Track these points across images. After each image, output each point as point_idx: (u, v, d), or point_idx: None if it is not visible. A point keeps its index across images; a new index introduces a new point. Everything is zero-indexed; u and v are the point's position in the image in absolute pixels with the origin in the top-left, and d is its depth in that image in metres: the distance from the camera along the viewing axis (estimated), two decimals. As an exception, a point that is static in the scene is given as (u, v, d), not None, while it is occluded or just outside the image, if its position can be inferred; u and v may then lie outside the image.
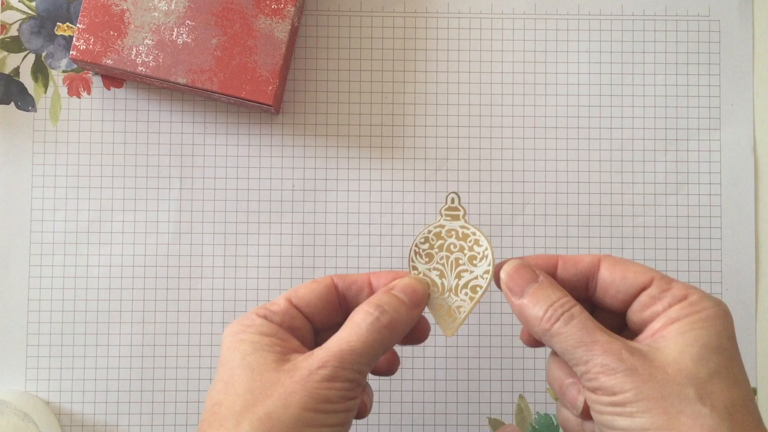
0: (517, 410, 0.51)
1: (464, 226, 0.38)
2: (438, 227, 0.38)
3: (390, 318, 0.35)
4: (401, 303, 0.36)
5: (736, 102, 0.52)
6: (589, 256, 0.37)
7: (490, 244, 0.38)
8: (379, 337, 0.35)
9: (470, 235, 0.38)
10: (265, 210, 0.51)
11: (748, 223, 0.52)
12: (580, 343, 0.33)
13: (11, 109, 0.51)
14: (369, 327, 0.34)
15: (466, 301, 0.38)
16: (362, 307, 0.35)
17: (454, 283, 0.38)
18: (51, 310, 0.50)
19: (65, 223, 0.51)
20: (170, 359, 0.50)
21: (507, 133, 0.52)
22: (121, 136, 0.51)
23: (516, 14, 0.52)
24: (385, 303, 0.35)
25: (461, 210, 0.38)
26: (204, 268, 0.51)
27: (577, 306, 0.34)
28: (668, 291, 0.34)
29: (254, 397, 0.33)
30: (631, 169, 0.52)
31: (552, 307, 0.34)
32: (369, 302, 0.36)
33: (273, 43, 0.48)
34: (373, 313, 0.35)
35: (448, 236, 0.38)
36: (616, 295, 0.35)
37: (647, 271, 0.35)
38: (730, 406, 0.31)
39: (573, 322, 0.34)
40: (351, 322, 0.35)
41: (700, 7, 0.53)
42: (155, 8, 0.48)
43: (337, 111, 0.52)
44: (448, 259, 0.38)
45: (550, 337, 0.34)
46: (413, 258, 0.38)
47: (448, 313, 0.38)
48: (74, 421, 0.50)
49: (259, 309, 0.36)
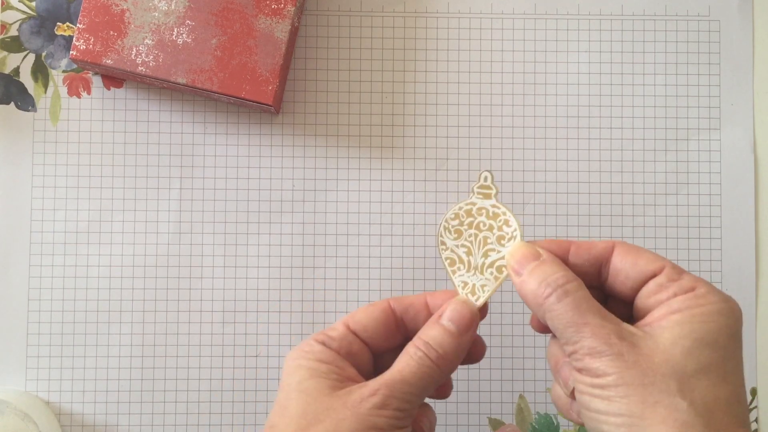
0: (517, 410, 0.51)
1: (495, 205, 0.38)
2: (469, 204, 0.38)
3: (437, 355, 0.35)
4: (448, 335, 0.36)
5: (736, 102, 0.52)
6: (603, 242, 0.36)
7: (519, 225, 0.38)
8: (429, 371, 0.35)
9: (500, 215, 0.38)
10: (265, 210, 0.51)
11: (748, 223, 0.52)
12: (571, 323, 0.33)
13: (11, 109, 0.51)
14: (418, 362, 0.35)
15: (491, 280, 0.37)
16: (412, 343, 0.36)
17: (480, 261, 0.38)
18: (51, 310, 0.50)
19: (65, 223, 0.51)
20: (170, 359, 0.50)
21: (507, 133, 0.52)
22: (121, 136, 0.51)
23: (516, 14, 0.52)
24: (432, 339, 0.35)
25: (493, 189, 0.38)
26: (204, 268, 0.51)
27: (574, 282, 0.34)
28: (676, 281, 0.33)
29: (307, 422, 0.33)
30: (631, 169, 0.52)
31: (545, 281, 0.34)
32: (418, 338, 0.36)
33: (273, 43, 0.48)
34: (421, 349, 0.35)
35: (478, 214, 0.38)
36: (625, 282, 0.35)
37: (659, 260, 0.34)
38: (712, 403, 0.30)
39: (566, 300, 0.33)
40: (403, 355, 0.36)
41: (700, 7, 0.53)
42: (155, 8, 0.48)
43: (337, 111, 0.52)
44: (477, 237, 0.38)
45: (543, 313, 0.34)
46: (442, 233, 0.38)
47: (472, 291, 0.37)
48: (74, 421, 0.50)
49: (319, 335, 0.37)
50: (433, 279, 0.51)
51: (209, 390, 0.50)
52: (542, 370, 0.51)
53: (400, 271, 0.51)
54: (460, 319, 0.36)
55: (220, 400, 0.50)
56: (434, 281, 0.51)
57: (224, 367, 0.51)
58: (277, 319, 0.51)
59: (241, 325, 0.51)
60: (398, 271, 0.51)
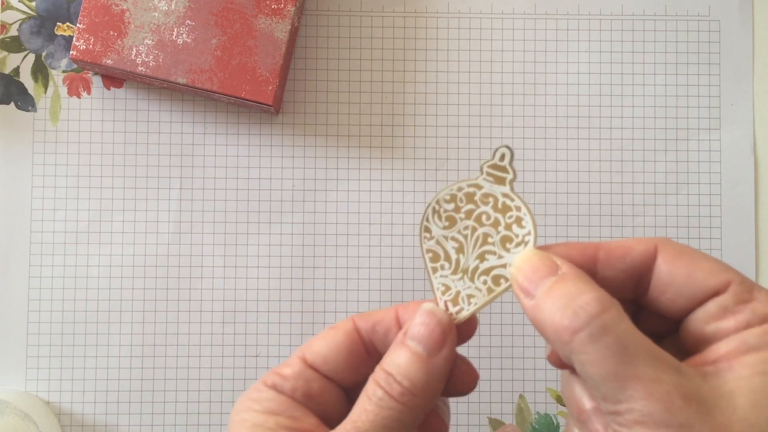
0: (517, 410, 0.51)
1: (508, 195, 0.29)
2: (473, 186, 0.29)
3: (401, 390, 0.27)
4: (415, 359, 0.27)
5: (736, 102, 0.52)
6: (641, 242, 0.27)
7: (534, 228, 0.28)
8: (394, 414, 0.26)
9: (512, 210, 0.29)
10: (265, 210, 0.51)
11: (748, 223, 0.52)
12: (613, 374, 0.23)
13: (11, 109, 0.51)
14: (377, 405, 0.27)
15: (482, 291, 0.28)
16: (373, 376, 0.28)
17: (473, 264, 0.29)
18: (51, 310, 0.50)
19: (65, 223, 0.51)
20: (170, 359, 0.50)
21: (507, 133, 0.52)
22: (121, 136, 0.51)
23: (516, 14, 0.52)
24: (395, 367, 0.27)
25: (510, 173, 0.29)
26: (204, 268, 0.51)
27: (613, 310, 0.24)
28: (748, 304, 0.25)
29: None
30: (631, 169, 0.52)
31: (574, 311, 0.24)
32: (378, 368, 0.28)
33: (273, 43, 0.48)
34: (382, 385, 0.27)
35: (482, 202, 0.29)
36: (674, 299, 0.26)
37: (722, 271, 0.26)
38: None
39: (605, 339, 0.24)
40: (361, 396, 0.27)
41: (700, 7, 0.53)
42: (155, 8, 0.48)
43: (337, 111, 0.52)
44: (475, 231, 0.29)
45: (569, 353, 0.25)
46: (429, 216, 0.30)
47: (454, 300, 0.29)
48: (74, 421, 0.50)
49: (269, 375, 0.29)
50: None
51: (209, 390, 0.50)
52: (542, 370, 0.51)
53: (400, 271, 0.51)
54: (428, 335, 0.27)
55: (220, 400, 0.50)
56: (434, 281, 0.51)
57: (224, 367, 0.51)
58: (277, 319, 0.51)
59: (241, 325, 0.51)
60: (398, 271, 0.51)
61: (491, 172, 0.29)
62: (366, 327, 0.29)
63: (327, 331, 0.29)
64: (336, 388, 0.29)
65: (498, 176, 0.29)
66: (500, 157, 0.29)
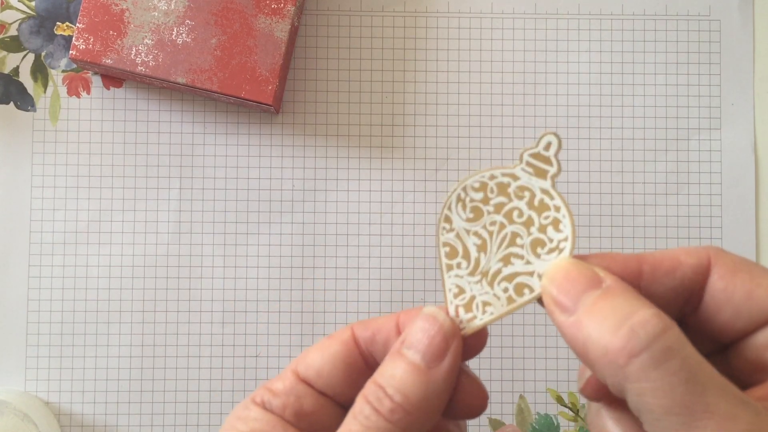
0: (518, 410, 0.51)
1: (547, 191, 0.25)
2: (508, 176, 0.25)
3: (393, 405, 0.23)
4: (411, 369, 0.23)
5: (736, 102, 0.52)
6: (692, 254, 0.24)
7: (573, 234, 0.25)
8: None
9: (550, 209, 0.25)
10: (265, 210, 0.51)
11: (749, 223, 0.52)
12: (680, 405, 0.20)
13: (11, 109, 0.51)
14: (362, 425, 0.23)
15: (501, 300, 0.25)
16: (362, 391, 0.24)
17: (495, 266, 0.25)
18: (51, 310, 0.50)
19: (65, 223, 0.51)
20: (170, 359, 0.50)
21: (507, 133, 0.52)
22: (121, 136, 0.51)
23: (516, 14, 0.52)
24: (387, 379, 0.23)
25: (554, 165, 0.25)
26: (204, 268, 0.51)
27: (676, 330, 0.21)
28: None
29: None
30: (632, 169, 0.52)
31: (630, 330, 0.21)
32: (369, 381, 0.24)
33: (273, 42, 0.48)
34: (371, 401, 0.23)
35: (516, 196, 0.25)
36: (731, 320, 0.23)
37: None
38: None
39: (671, 364, 0.20)
40: (347, 415, 0.24)
41: (700, 7, 0.53)
42: (155, 8, 0.48)
43: (337, 111, 0.52)
44: (502, 229, 0.25)
45: (623, 380, 0.21)
46: (452, 204, 0.26)
47: (467, 306, 0.25)
48: (74, 422, 0.50)
49: (260, 390, 0.26)
50: (433, 279, 0.51)
51: (209, 390, 0.50)
52: (542, 370, 0.51)
53: (400, 271, 0.51)
54: (427, 343, 0.24)
55: (220, 401, 0.50)
56: (434, 281, 0.51)
57: (224, 368, 0.50)
58: (277, 319, 0.51)
59: (241, 325, 0.51)
60: (398, 271, 0.51)
61: (532, 162, 0.25)
62: (365, 336, 0.26)
63: (323, 341, 0.26)
64: (331, 405, 0.26)
65: (539, 168, 0.25)
66: (545, 145, 0.25)
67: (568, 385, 0.51)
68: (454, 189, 0.26)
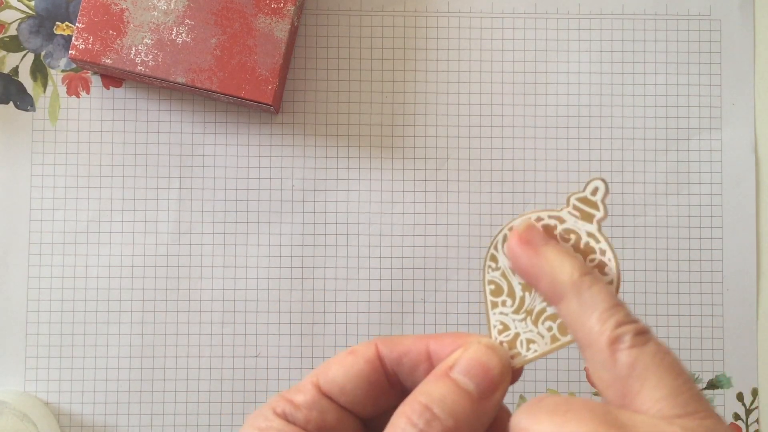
0: (518, 410, 0.51)
1: (593, 234, 0.26)
2: (554, 218, 0.26)
3: (443, 429, 0.23)
4: (463, 395, 0.24)
5: (737, 101, 0.52)
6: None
7: (618, 277, 0.25)
8: None
9: (596, 252, 0.26)
10: (265, 210, 0.51)
11: (749, 223, 0.52)
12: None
13: (10, 109, 0.51)
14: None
15: (545, 338, 0.25)
16: (403, 410, 0.24)
17: (539, 306, 0.26)
18: (50, 310, 0.50)
19: (64, 223, 0.51)
20: (170, 359, 0.50)
21: (507, 133, 0.52)
22: (121, 136, 0.51)
23: (516, 14, 0.52)
24: (437, 402, 0.23)
25: (601, 210, 0.26)
26: (204, 268, 0.51)
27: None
28: None
29: None
30: (632, 169, 0.52)
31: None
32: (413, 400, 0.24)
33: (273, 42, 0.48)
34: (416, 423, 0.23)
35: (563, 238, 0.26)
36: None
37: None
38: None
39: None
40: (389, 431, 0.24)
41: (701, 7, 0.52)
42: (154, 7, 0.48)
43: (337, 111, 0.52)
44: None
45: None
46: (498, 245, 0.26)
47: (511, 343, 0.26)
48: (74, 422, 0.50)
49: (279, 400, 0.26)
50: (433, 279, 0.51)
51: (209, 390, 0.50)
52: (542, 370, 0.51)
53: (400, 271, 0.51)
54: (484, 374, 0.24)
55: (220, 401, 0.50)
56: (434, 281, 0.51)
57: (224, 368, 0.50)
58: (277, 320, 0.51)
59: (240, 325, 0.51)
60: (398, 271, 0.51)
61: (578, 206, 0.26)
62: (391, 356, 0.26)
63: (345, 357, 0.26)
64: (353, 419, 0.26)
65: (585, 212, 0.26)
66: (592, 191, 0.26)
67: (568, 385, 0.51)
68: (500, 229, 0.26)
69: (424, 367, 0.26)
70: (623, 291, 0.51)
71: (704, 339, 0.51)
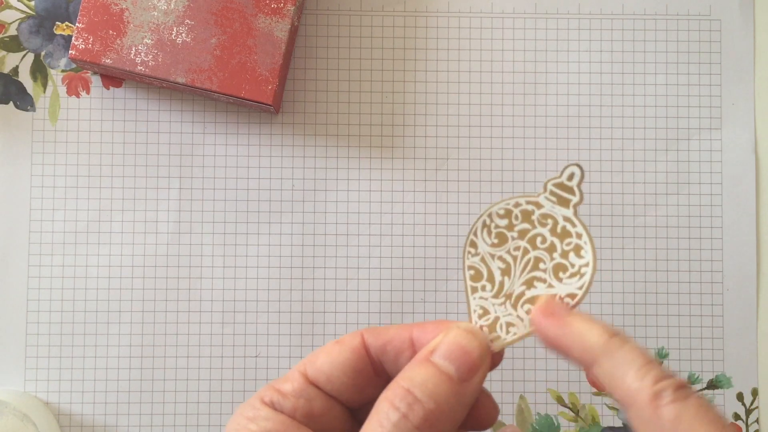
0: (518, 410, 0.51)
1: (570, 219, 0.26)
2: (531, 204, 0.27)
3: (425, 412, 0.23)
4: (444, 379, 0.24)
5: (737, 101, 0.52)
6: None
7: (594, 260, 0.26)
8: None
9: (572, 236, 0.26)
10: (265, 210, 0.51)
11: (749, 223, 0.52)
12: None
13: (10, 109, 0.51)
14: (394, 429, 0.23)
15: (524, 322, 0.26)
16: (386, 395, 0.24)
17: (518, 289, 0.26)
18: (50, 310, 0.50)
19: (64, 223, 0.51)
20: (170, 359, 0.50)
21: (507, 133, 0.52)
22: (121, 136, 0.51)
23: (516, 14, 0.52)
24: (419, 386, 0.24)
25: (576, 195, 0.27)
26: (204, 268, 0.51)
27: None
28: None
29: None
30: (632, 169, 0.52)
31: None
32: (395, 385, 0.24)
33: (273, 42, 0.48)
34: (398, 407, 0.23)
35: (540, 223, 0.27)
36: None
37: None
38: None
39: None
40: (372, 417, 0.24)
41: (701, 7, 0.52)
42: (154, 7, 0.48)
43: (337, 111, 0.52)
44: (526, 254, 0.27)
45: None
46: (477, 230, 0.27)
47: (491, 326, 0.26)
48: (74, 422, 0.50)
49: (267, 390, 0.27)
50: (433, 279, 0.51)
51: (209, 390, 0.50)
52: (542, 370, 0.51)
53: (400, 271, 0.51)
54: (463, 357, 0.25)
55: (220, 401, 0.50)
56: (434, 281, 0.51)
57: (224, 368, 0.50)
58: (277, 319, 0.51)
59: (240, 325, 0.51)
60: (398, 271, 0.51)
61: (555, 191, 0.27)
62: (376, 345, 0.27)
63: (332, 346, 0.27)
64: (339, 408, 0.27)
65: (562, 197, 0.27)
66: (569, 176, 0.27)
67: (568, 385, 0.51)
68: (480, 215, 0.27)
69: (407, 355, 0.26)
70: (623, 291, 0.51)
71: (704, 339, 0.51)
